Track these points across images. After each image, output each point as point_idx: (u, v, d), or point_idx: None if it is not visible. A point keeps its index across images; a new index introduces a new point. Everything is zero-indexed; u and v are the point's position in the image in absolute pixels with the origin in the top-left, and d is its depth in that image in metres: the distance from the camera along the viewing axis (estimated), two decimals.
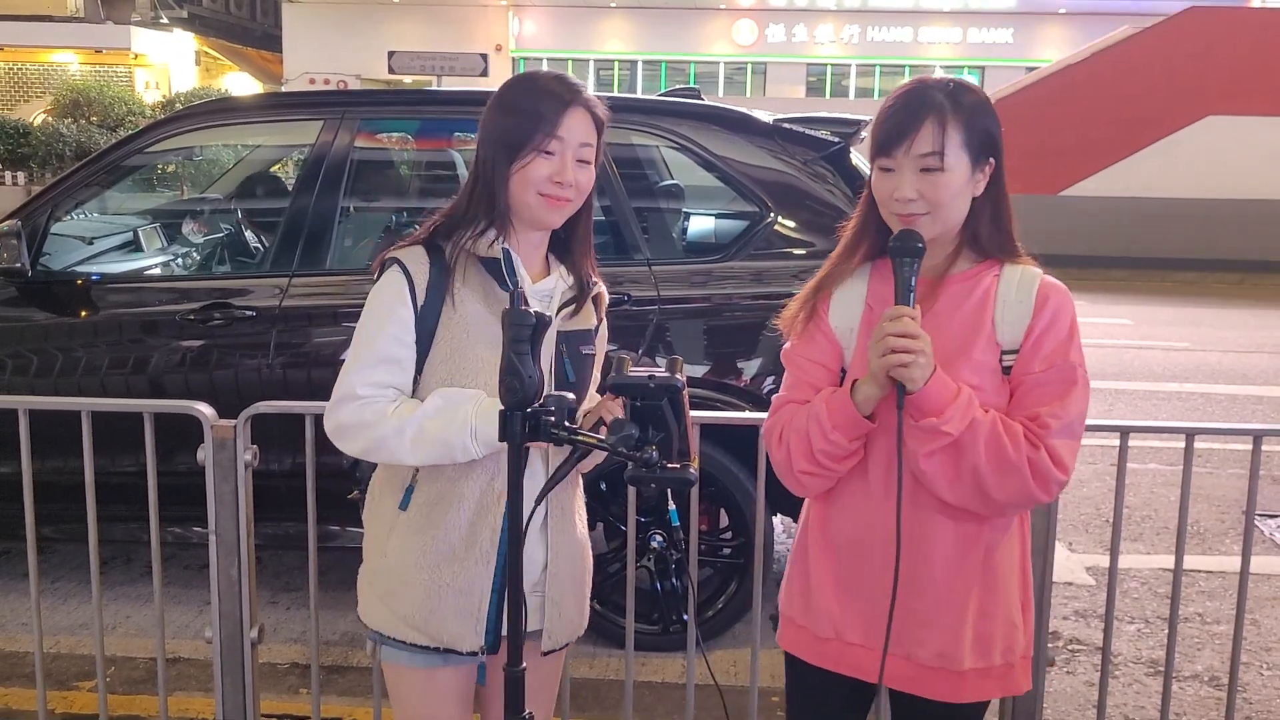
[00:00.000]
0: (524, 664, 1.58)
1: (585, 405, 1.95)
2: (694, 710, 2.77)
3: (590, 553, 2.06)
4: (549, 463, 1.89)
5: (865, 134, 1.93)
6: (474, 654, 1.88)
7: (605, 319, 2.04)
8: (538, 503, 1.74)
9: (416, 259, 1.85)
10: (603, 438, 1.51)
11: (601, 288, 2.01)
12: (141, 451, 2.65)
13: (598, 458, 1.84)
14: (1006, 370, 1.75)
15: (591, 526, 3.80)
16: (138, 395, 3.63)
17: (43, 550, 3.92)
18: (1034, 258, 1.83)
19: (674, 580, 3.68)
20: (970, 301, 1.76)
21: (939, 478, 1.70)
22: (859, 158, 3.95)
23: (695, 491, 2.71)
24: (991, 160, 1.76)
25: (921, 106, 1.70)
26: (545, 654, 1.96)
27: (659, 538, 3.64)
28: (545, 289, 1.91)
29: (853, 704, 1.93)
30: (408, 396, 1.85)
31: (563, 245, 1.96)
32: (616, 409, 1.73)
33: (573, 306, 1.92)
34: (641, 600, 3.54)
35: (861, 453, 1.77)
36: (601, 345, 2.03)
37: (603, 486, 3.69)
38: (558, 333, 1.89)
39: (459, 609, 1.85)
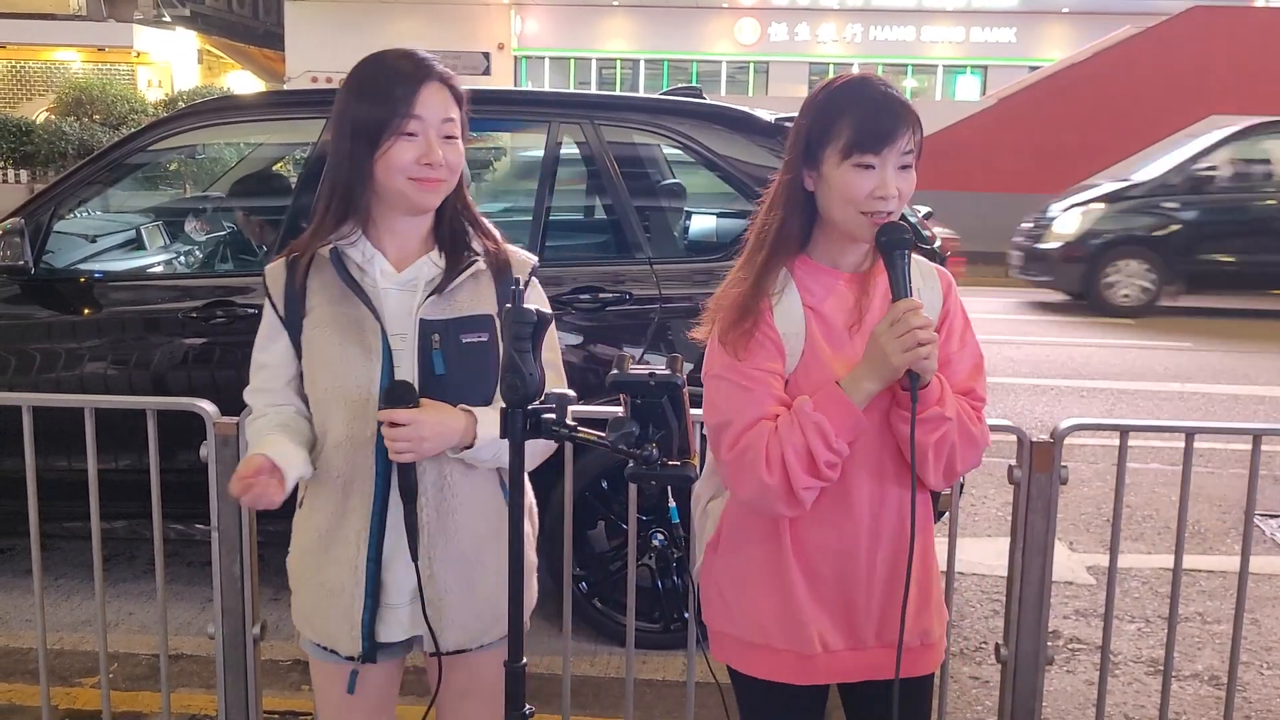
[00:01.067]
0: (524, 661, 1.59)
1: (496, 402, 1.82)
2: (694, 708, 2.78)
3: (507, 546, 1.94)
4: (420, 468, 1.82)
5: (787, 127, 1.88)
6: (350, 659, 1.87)
7: (523, 289, 1.83)
8: (408, 516, 1.80)
9: (275, 272, 1.89)
10: (602, 435, 1.51)
11: (506, 254, 1.90)
12: (144, 448, 2.66)
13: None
14: None
15: (593, 525, 3.85)
16: (141, 393, 3.64)
17: (46, 547, 3.92)
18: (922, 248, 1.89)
19: (675, 578, 3.69)
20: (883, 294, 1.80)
21: (936, 462, 1.75)
22: None
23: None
24: None
25: (900, 105, 1.72)
26: (445, 654, 1.89)
27: (660, 536, 3.65)
28: (406, 279, 1.84)
29: (814, 706, 1.92)
30: (278, 403, 1.89)
31: (439, 226, 1.88)
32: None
33: (437, 295, 1.81)
34: (642, 598, 3.55)
35: None
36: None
37: (604, 484, 3.70)
38: (422, 321, 1.80)
39: (334, 611, 1.87)
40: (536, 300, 1.92)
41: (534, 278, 1.94)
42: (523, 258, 1.95)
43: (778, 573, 1.81)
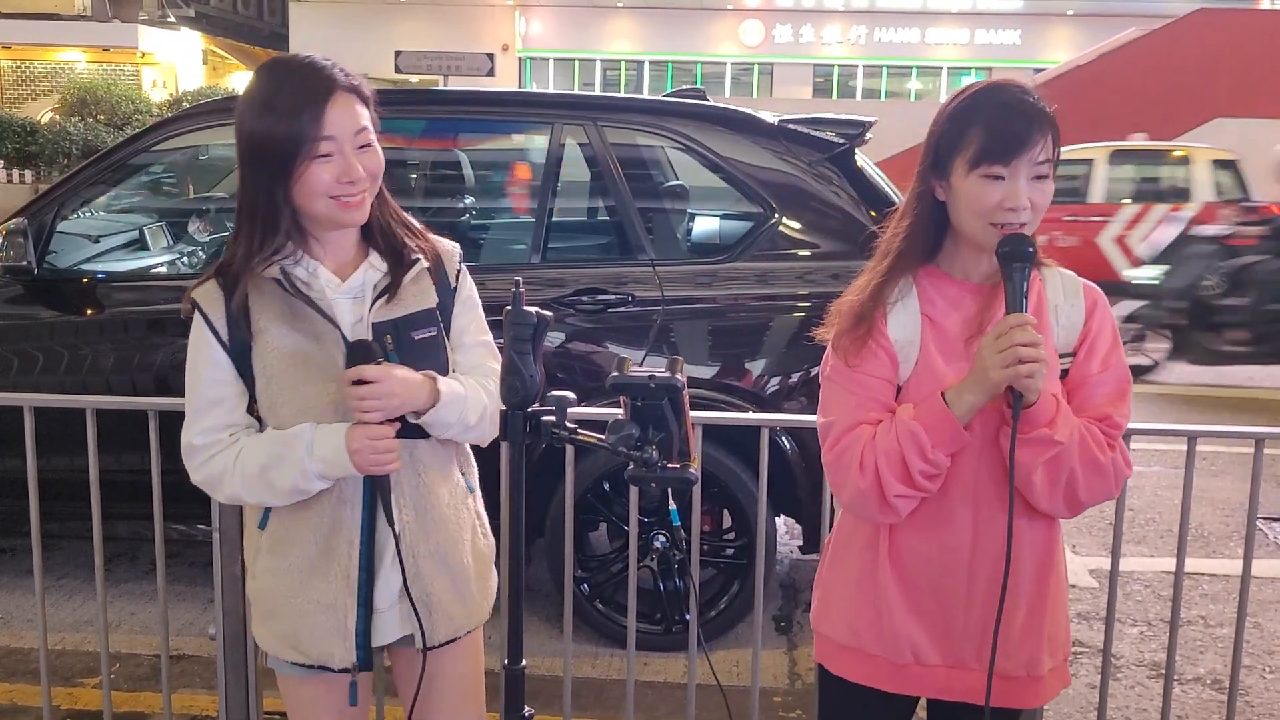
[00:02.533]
0: (523, 663, 1.59)
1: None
2: (696, 710, 2.77)
3: (479, 540, 1.98)
4: (412, 468, 1.83)
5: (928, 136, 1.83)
6: (346, 670, 1.85)
7: (459, 278, 1.91)
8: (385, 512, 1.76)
9: (210, 297, 1.78)
10: (602, 437, 1.51)
11: (437, 248, 1.89)
12: (146, 449, 2.66)
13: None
14: (1063, 374, 1.76)
15: (594, 527, 3.84)
16: (143, 393, 3.64)
17: (48, 547, 3.93)
18: (1051, 259, 1.83)
19: (676, 580, 3.69)
20: (1029, 307, 1.73)
21: (1043, 488, 1.69)
22: (864, 159, 3.95)
23: (698, 492, 2.72)
24: None
25: (1037, 114, 1.66)
26: (435, 648, 1.89)
27: (662, 538, 3.65)
28: (354, 286, 1.82)
29: (901, 717, 1.92)
30: (245, 430, 1.81)
31: (367, 229, 1.84)
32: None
33: (386, 295, 1.80)
34: (644, 600, 3.55)
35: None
36: (463, 311, 1.91)
37: (606, 487, 3.70)
38: (374, 325, 1.78)
39: (326, 626, 1.83)
40: (469, 288, 1.93)
41: (463, 266, 1.93)
42: (450, 248, 1.94)
43: (873, 579, 1.80)
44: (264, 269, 1.75)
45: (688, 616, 3.55)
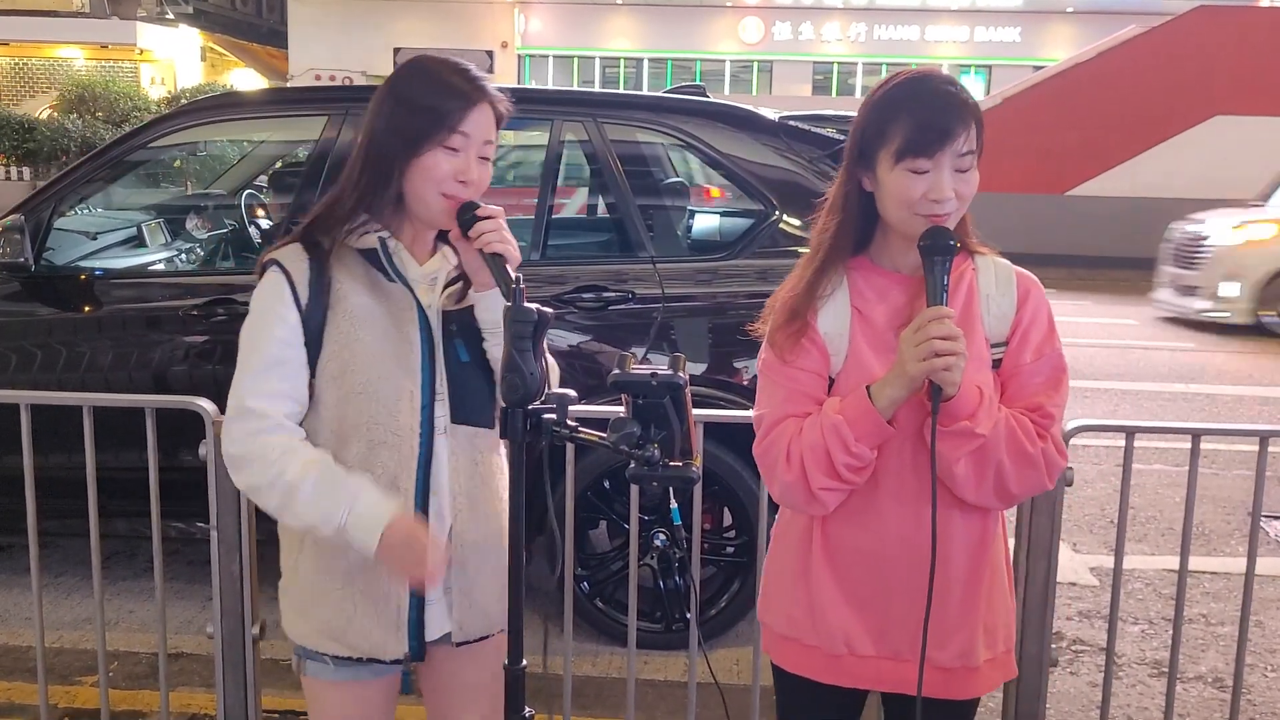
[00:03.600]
0: (523, 663, 1.58)
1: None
2: (696, 709, 2.76)
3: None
4: (454, 455, 1.84)
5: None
6: (398, 661, 1.84)
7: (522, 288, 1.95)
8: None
9: (294, 257, 1.78)
10: (603, 435, 1.50)
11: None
12: (144, 447, 2.65)
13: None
14: (995, 363, 1.76)
15: (594, 525, 3.83)
16: (141, 391, 3.63)
17: (46, 545, 3.91)
18: (989, 246, 1.83)
19: (677, 579, 3.67)
20: (959, 298, 1.75)
21: (968, 479, 1.69)
22: None
23: (698, 490, 2.71)
24: None
25: (960, 105, 1.66)
26: (460, 645, 1.89)
27: (662, 536, 3.64)
28: (430, 272, 1.85)
29: (854, 713, 1.92)
30: (301, 410, 1.79)
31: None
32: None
33: (458, 285, 1.85)
34: (644, 598, 3.54)
35: (874, 462, 1.72)
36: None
37: (606, 484, 3.69)
38: (444, 313, 1.83)
39: (377, 617, 1.81)
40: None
41: (520, 284, 1.95)
42: (514, 255, 1.95)
43: (807, 569, 1.82)
44: (359, 239, 1.79)
45: (688, 615, 3.54)
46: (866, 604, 1.79)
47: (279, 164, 5.35)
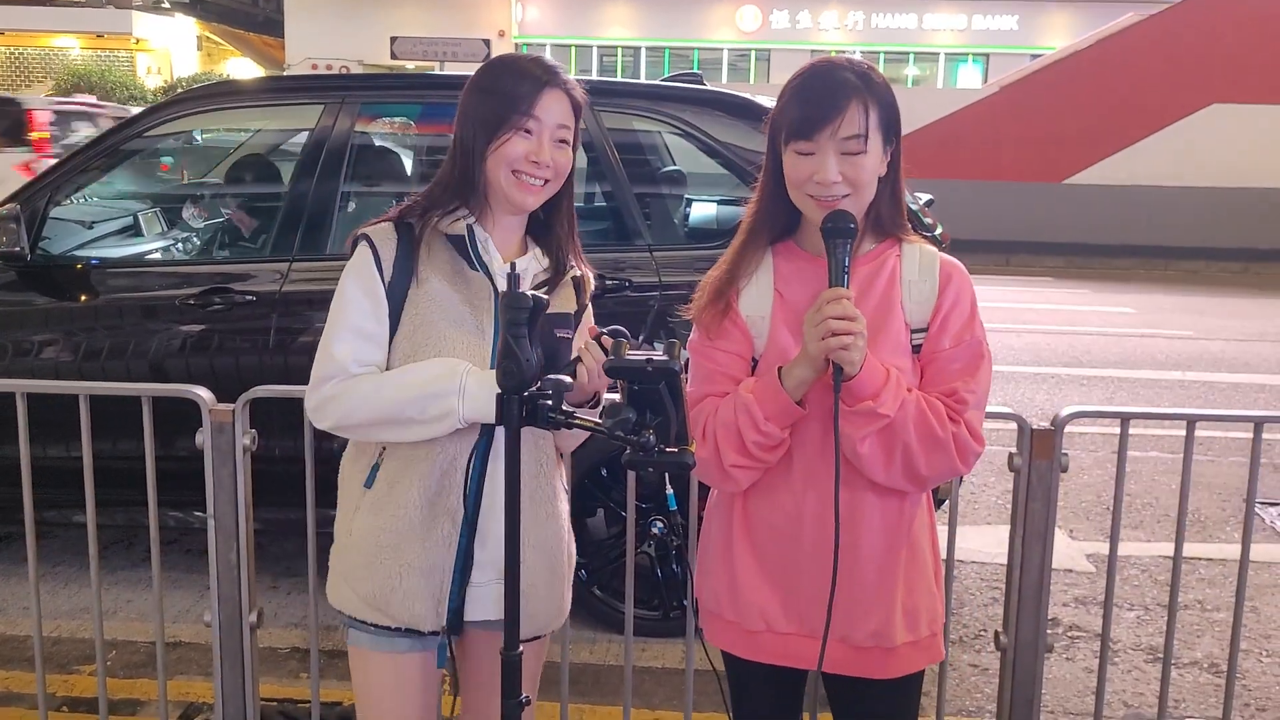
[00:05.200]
0: (519, 649, 1.58)
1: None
2: (693, 695, 2.77)
3: (572, 541, 2.03)
4: (534, 458, 1.86)
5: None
6: (434, 634, 1.86)
7: (590, 305, 2.02)
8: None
9: (384, 235, 1.85)
10: (599, 420, 1.50)
11: (585, 273, 1.99)
12: (141, 436, 2.65)
13: (580, 436, 1.84)
14: (916, 348, 1.79)
15: (592, 513, 3.83)
16: (138, 379, 3.63)
17: (44, 535, 3.92)
18: (924, 235, 1.85)
19: (674, 566, 3.68)
20: (879, 282, 1.78)
21: (874, 460, 1.71)
22: None
23: (695, 477, 2.70)
24: (893, 140, 1.78)
25: (842, 88, 1.69)
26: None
27: (660, 524, 3.64)
28: (518, 268, 1.85)
29: (789, 691, 1.95)
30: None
31: (543, 227, 1.95)
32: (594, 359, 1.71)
33: (545, 288, 1.89)
34: (642, 586, 3.54)
35: (789, 442, 1.75)
36: (582, 332, 1.98)
37: (604, 472, 3.69)
38: None
39: (421, 590, 1.83)
40: (589, 318, 2.00)
41: (590, 301, 2.02)
42: (591, 277, 2.03)
43: (727, 545, 1.86)
44: (450, 224, 1.84)
45: (685, 602, 3.55)
46: (782, 581, 1.82)
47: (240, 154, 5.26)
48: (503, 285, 1.80)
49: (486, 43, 21.81)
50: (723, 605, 1.88)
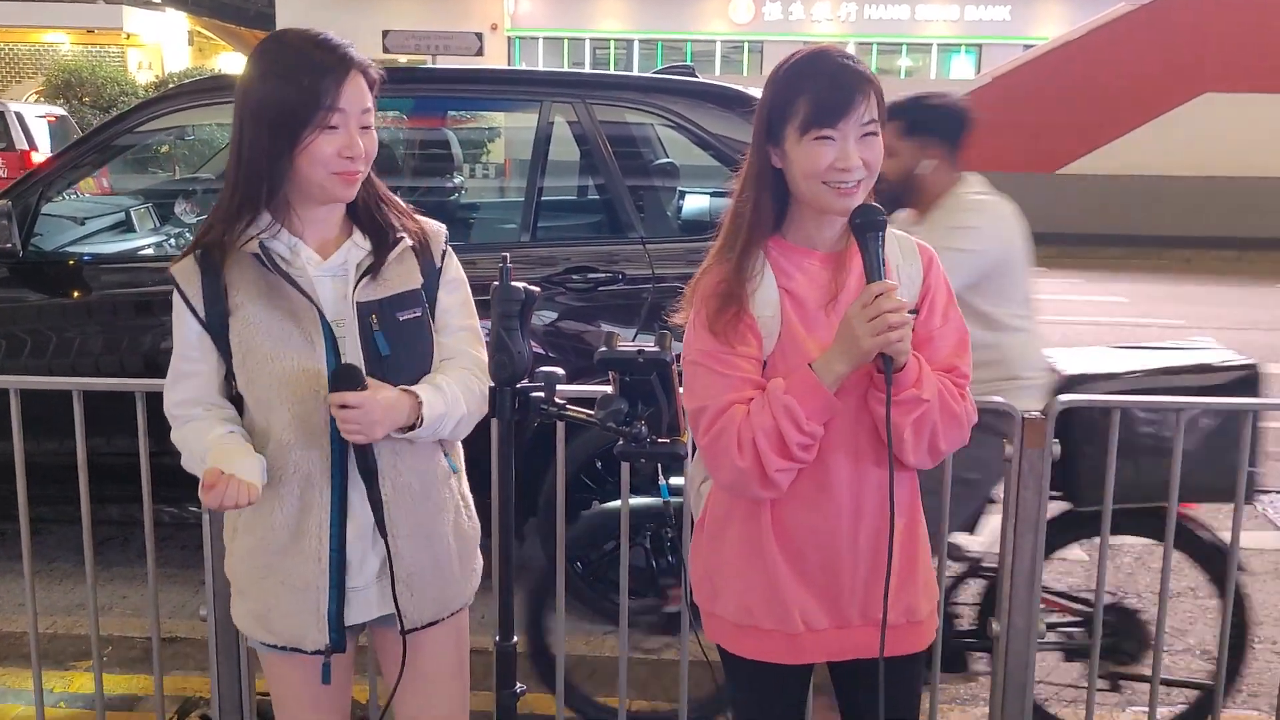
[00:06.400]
0: (514, 639, 1.59)
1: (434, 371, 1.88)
2: (688, 686, 2.78)
3: (468, 516, 1.99)
4: (376, 449, 1.81)
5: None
6: (319, 652, 1.85)
7: (444, 259, 1.92)
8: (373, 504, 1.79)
9: (186, 273, 1.80)
10: (591, 413, 1.50)
11: (422, 227, 1.90)
12: (135, 431, 2.65)
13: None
14: None
15: (587, 505, 3.84)
16: (132, 375, 3.62)
17: (40, 531, 3.92)
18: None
19: (669, 558, 3.68)
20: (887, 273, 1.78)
21: (914, 444, 1.75)
22: None
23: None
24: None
25: (854, 74, 1.70)
26: (411, 631, 1.89)
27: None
28: (336, 264, 1.82)
29: (804, 686, 1.96)
30: (216, 406, 1.84)
31: (353, 209, 1.86)
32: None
33: (369, 275, 1.81)
34: (636, 578, 3.55)
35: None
36: (447, 293, 1.92)
37: (599, 465, 3.70)
38: (358, 304, 1.79)
39: (296, 607, 1.83)
40: (455, 270, 1.94)
41: (448, 247, 1.95)
42: (436, 228, 1.95)
43: (759, 554, 1.82)
44: (244, 244, 1.75)
45: (681, 595, 3.56)
46: (819, 578, 1.82)
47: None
48: (324, 293, 1.77)
49: (479, 36, 21.75)
50: (758, 616, 1.84)
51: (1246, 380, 2.92)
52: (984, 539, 3.17)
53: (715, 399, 1.74)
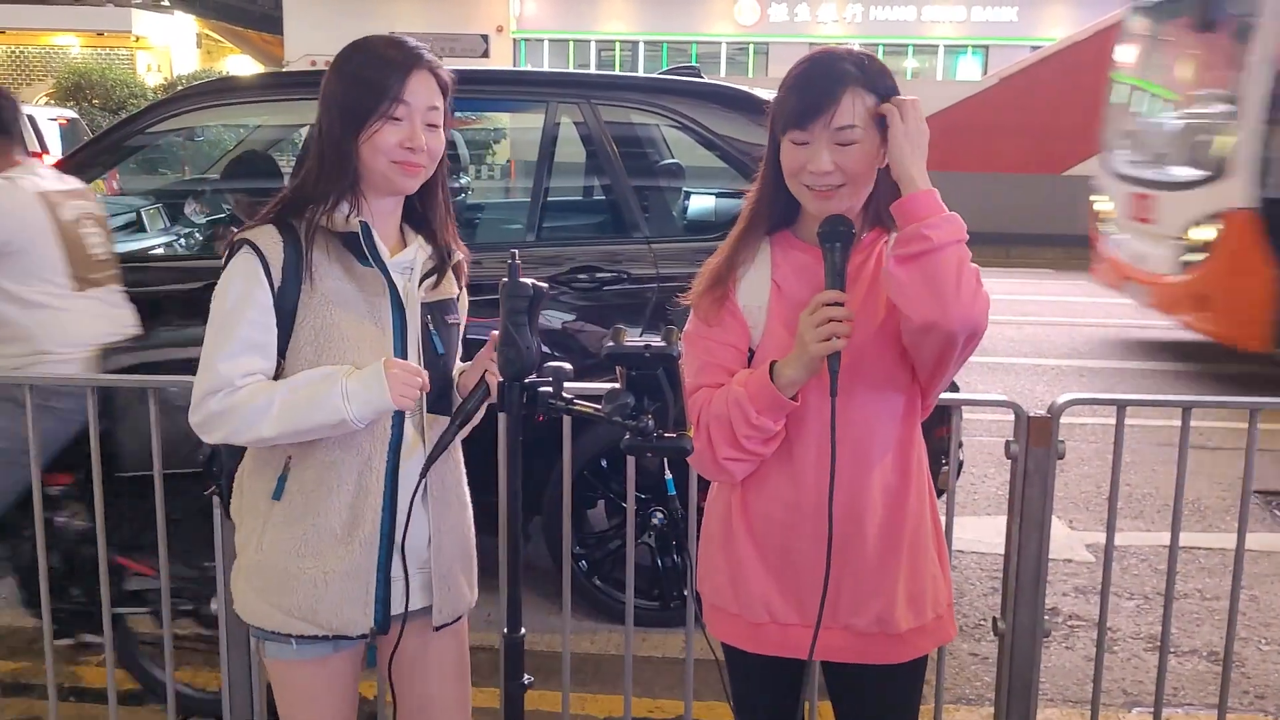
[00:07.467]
0: (522, 631, 1.60)
1: (455, 374, 1.97)
2: (693, 685, 2.79)
3: (473, 528, 2.04)
4: (425, 436, 1.86)
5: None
6: (363, 636, 1.87)
7: (466, 290, 2.02)
8: (423, 475, 1.77)
9: (269, 238, 1.78)
10: (598, 407, 1.52)
11: (460, 257, 1.98)
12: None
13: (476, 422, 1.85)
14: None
15: (591, 504, 3.86)
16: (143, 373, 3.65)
17: None
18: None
19: (674, 556, 3.70)
20: (867, 271, 1.79)
21: (912, 288, 1.63)
22: None
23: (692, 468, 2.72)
24: None
25: (837, 79, 1.69)
26: (438, 629, 1.93)
27: (660, 515, 3.66)
28: (405, 260, 1.86)
29: (789, 682, 1.94)
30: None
31: (418, 215, 1.92)
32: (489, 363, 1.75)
33: (434, 277, 1.89)
34: (642, 576, 3.57)
35: (784, 433, 1.76)
36: (463, 314, 2.00)
37: (604, 463, 3.71)
38: (423, 304, 1.87)
39: (348, 594, 1.83)
40: (464, 300, 2.02)
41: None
42: (465, 261, 2.02)
43: (731, 539, 1.86)
44: (341, 223, 1.80)
45: (685, 592, 3.57)
46: (783, 571, 1.82)
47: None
48: (398, 279, 1.82)
49: (485, 38, 21.82)
50: (726, 599, 1.88)
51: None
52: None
53: (689, 380, 1.76)
